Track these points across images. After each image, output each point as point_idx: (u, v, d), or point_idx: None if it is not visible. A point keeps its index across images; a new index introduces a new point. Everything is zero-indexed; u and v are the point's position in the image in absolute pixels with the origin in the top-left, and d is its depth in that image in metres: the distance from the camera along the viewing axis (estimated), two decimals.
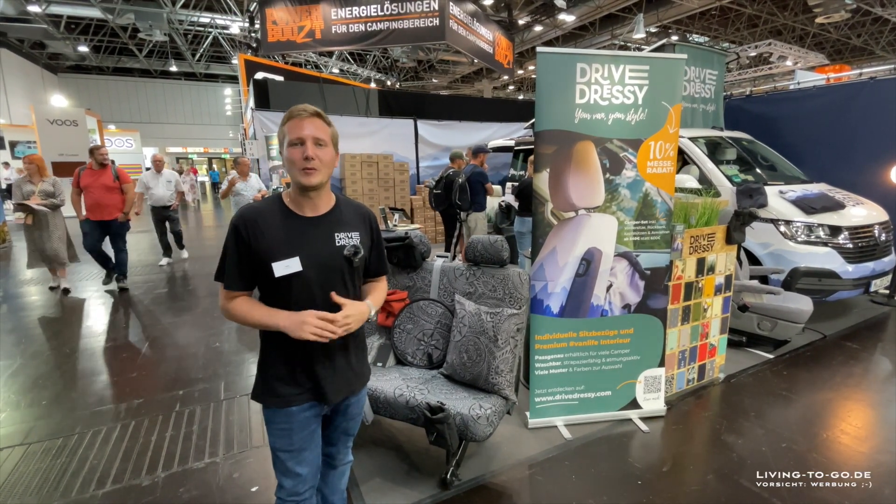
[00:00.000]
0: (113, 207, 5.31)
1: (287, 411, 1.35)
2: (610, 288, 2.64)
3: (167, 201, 6.78)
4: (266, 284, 1.32)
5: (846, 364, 3.43)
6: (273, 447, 1.40)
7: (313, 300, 1.30)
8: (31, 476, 2.28)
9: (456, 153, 6.04)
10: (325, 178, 1.31)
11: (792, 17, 15.60)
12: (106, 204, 5.26)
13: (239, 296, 1.33)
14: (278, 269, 1.27)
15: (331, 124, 1.34)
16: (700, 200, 3.09)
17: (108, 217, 5.32)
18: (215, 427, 2.70)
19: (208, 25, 17.22)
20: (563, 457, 2.40)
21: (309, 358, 1.34)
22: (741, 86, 19.19)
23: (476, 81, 24.06)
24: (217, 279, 1.34)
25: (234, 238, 1.30)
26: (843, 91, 5.38)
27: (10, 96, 17.45)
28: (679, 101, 2.58)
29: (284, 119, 1.29)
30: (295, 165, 1.27)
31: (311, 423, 1.40)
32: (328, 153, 1.31)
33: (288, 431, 1.36)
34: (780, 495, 2.10)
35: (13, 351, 3.84)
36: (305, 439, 1.39)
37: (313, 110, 1.29)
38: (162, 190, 6.69)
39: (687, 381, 3.07)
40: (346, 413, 1.51)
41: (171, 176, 6.81)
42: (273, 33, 9.66)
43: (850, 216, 4.14)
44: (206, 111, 28.27)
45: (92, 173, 5.24)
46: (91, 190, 5.22)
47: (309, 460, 1.41)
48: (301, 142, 1.26)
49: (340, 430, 1.54)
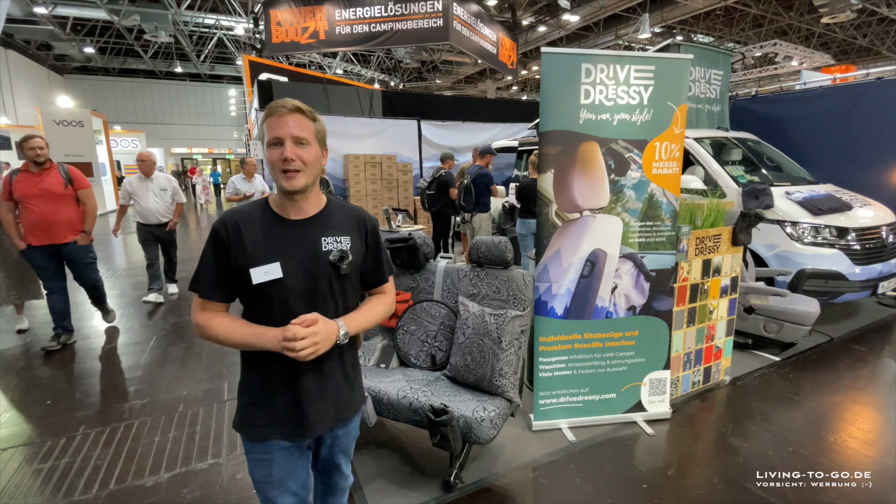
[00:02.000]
0: (64, 225, 3.68)
1: (264, 443, 1.23)
2: (615, 289, 2.62)
3: (161, 216, 4.89)
4: (245, 295, 1.21)
5: (853, 367, 3.40)
6: (252, 477, 1.27)
7: (296, 313, 1.15)
8: (35, 476, 2.29)
9: (446, 154, 6.12)
10: (310, 179, 1.18)
11: (797, 17, 15.51)
12: (53, 220, 3.61)
13: (214, 307, 1.20)
14: (256, 276, 1.14)
15: (315, 119, 1.20)
16: (706, 201, 3.06)
17: (59, 239, 3.67)
18: (218, 428, 2.69)
19: (213, 27, 17.29)
20: (568, 460, 2.39)
21: (289, 383, 1.20)
22: (746, 86, 19.09)
23: (479, 82, 24.04)
24: (191, 289, 1.21)
25: (212, 242, 1.18)
26: (850, 91, 5.34)
27: (17, 97, 17.57)
28: (685, 101, 2.56)
29: (264, 116, 1.17)
30: (275, 168, 1.14)
31: (294, 452, 1.27)
32: (312, 152, 1.17)
33: (267, 463, 1.24)
34: (786, 499, 2.07)
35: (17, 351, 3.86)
36: (287, 470, 1.26)
37: (293, 105, 1.15)
38: (153, 201, 4.81)
39: (692, 383, 3.05)
40: (334, 447, 1.36)
41: (165, 182, 4.94)
42: (277, 34, 9.69)
43: (857, 217, 4.10)
44: (210, 112, 28.39)
45: (28, 178, 3.57)
46: (29, 202, 3.55)
47: (293, 490, 1.29)
48: (279, 141, 1.13)
49: (330, 464, 1.40)
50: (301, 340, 1.10)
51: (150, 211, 4.82)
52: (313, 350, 1.12)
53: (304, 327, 1.12)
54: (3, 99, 16.71)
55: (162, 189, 4.89)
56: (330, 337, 1.17)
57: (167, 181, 4.97)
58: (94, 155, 14.05)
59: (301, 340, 1.10)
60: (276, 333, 1.13)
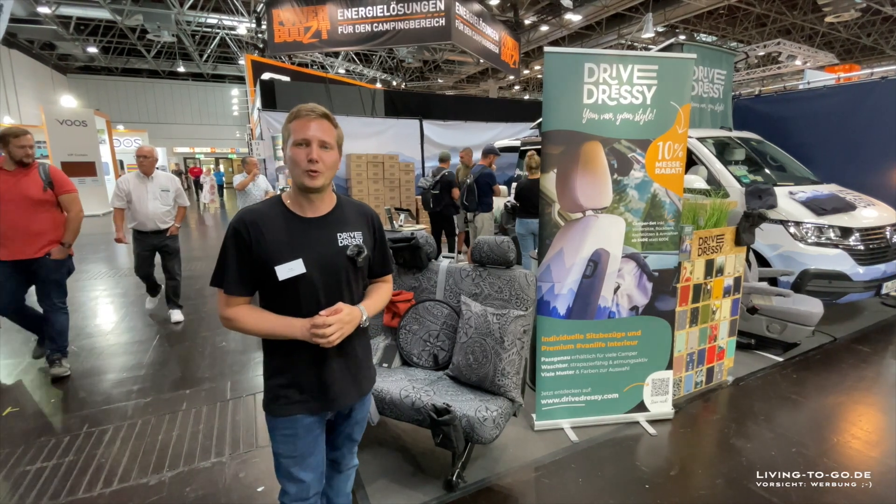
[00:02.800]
0: (41, 237, 3.09)
1: (292, 418, 1.32)
2: (617, 289, 2.62)
3: (160, 223, 4.23)
4: (268, 289, 1.29)
5: (857, 367, 3.39)
6: (276, 452, 1.37)
7: (318, 303, 1.27)
8: (39, 474, 2.29)
9: (445, 154, 6.15)
10: (328, 180, 1.29)
11: (801, 16, 15.45)
12: (28, 230, 3.04)
13: (239, 302, 1.29)
14: (282, 273, 1.24)
15: (337, 126, 1.32)
16: (709, 201, 3.06)
17: (33, 254, 3.08)
18: (221, 426, 2.70)
19: (215, 26, 17.31)
20: (570, 459, 2.38)
21: (314, 364, 1.31)
22: (750, 85, 19.04)
23: (481, 81, 24.03)
24: (214, 284, 1.29)
25: (234, 240, 1.25)
26: (854, 91, 5.31)
27: (21, 97, 17.64)
28: (688, 101, 2.55)
29: (290, 117, 1.26)
30: (299, 166, 1.24)
31: (315, 428, 1.38)
32: (332, 156, 1.28)
33: (292, 438, 1.34)
34: (790, 499, 2.07)
35: (22, 349, 3.88)
36: (310, 445, 1.37)
37: (322, 111, 1.26)
38: (152, 205, 4.16)
39: (695, 383, 3.04)
40: (351, 418, 1.49)
41: (167, 182, 4.30)
42: (280, 34, 9.70)
43: (861, 217, 4.08)
44: (213, 111, 28.43)
45: (4, 178, 2.99)
46: (2, 207, 2.97)
47: (313, 465, 1.39)
48: (307, 143, 1.24)
49: (345, 436, 1.52)
50: (330, 327, 1.22)
51: (148, 216, 4.14)
52: (340, 335, 1.25)
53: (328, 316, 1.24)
54: (6, 98, 16.78)
55: (164, 190, 4.23)
56: (354, 322, 1.30)
57: (169, 181, 4.31)
58: (98, 154, 14.12)
59: (330, 327, 1.22)
60: (303, 323, 1.24)
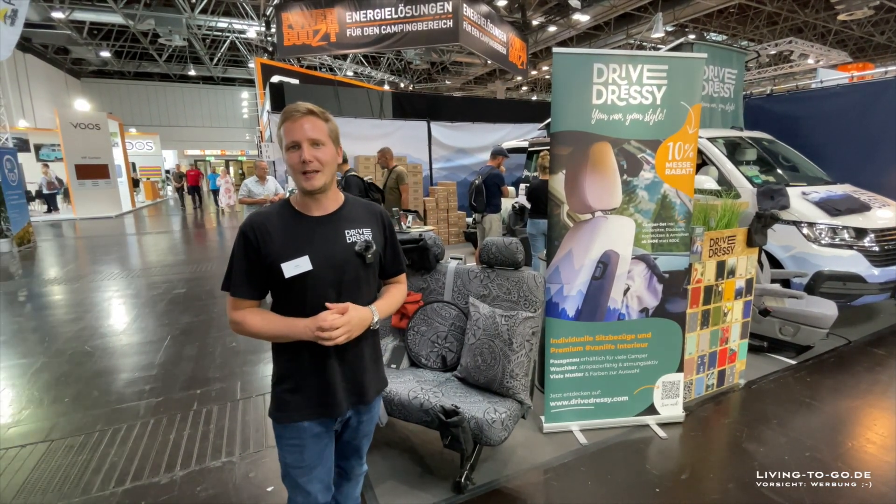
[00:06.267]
0: None
1: (298, 426, 1.30)
2: (627, 291, 2.60)
3: None
4: (279, 290, 1.27)
5: (872, 370, 3.33)
6: (283, 462, 1.35)
7: (327, 301, 1.24)
8: (53, 472, 2.33)
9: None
10: (328, 178, 1.26)
11: (813, 14, 15.25)
12: None
13: (246, 305, 1.27)
14: (288, 270, 1.22)
15: (328, 119, 1.26)
16: (720, 202, 3.02)
17: None
18: (232, 426, 2.72)
19: (226, 30, 17.52)
20: (579, 462, 2.37)
21: (319, 366, 1.28)
22: (761, 84, 18.82)
23: (489, 82, 24.02)
24: (224, 289, 1.29)
25: (242, 243, 1.25)
26: (868, 89, 5.23)
27: (35, 100, 17.98)
28: (698, 100, 2.53)
29: (280, 120, 1.23)
30: (295, 170, 1.22)
31: (323, 437, 1.35)
32: (327, 152, 1.24)
33: (299, 448, 1.32)
34: (802, 502, 2.04)
35: (36, 349, 3.94)
36: (317, 456, 1.34)
37: (306, 108, 1.21)
38: None
39: (706, 386, 3.01)
40: (358, 430, 1.45)
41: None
42: (289, 37, 9.78)
43: (875, 218, 4.01)
44: (223, 114, 28.76)
45: None
46: None
47: (320, 477, 1.37)
48: (297, 145, 1.20)
49: (353, 448, 1.49)
50: (336, 329, 1.19)
51: None
52: (347, 336, 1.22)
53: (337, 315, 1.21)
54: (21, 102, 17.09)
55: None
56: (363, 323, 1.27)
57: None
58: (111, 157, 14.33)
59: (336, 329, 1.19)
60: (307, 323, 1.21)
